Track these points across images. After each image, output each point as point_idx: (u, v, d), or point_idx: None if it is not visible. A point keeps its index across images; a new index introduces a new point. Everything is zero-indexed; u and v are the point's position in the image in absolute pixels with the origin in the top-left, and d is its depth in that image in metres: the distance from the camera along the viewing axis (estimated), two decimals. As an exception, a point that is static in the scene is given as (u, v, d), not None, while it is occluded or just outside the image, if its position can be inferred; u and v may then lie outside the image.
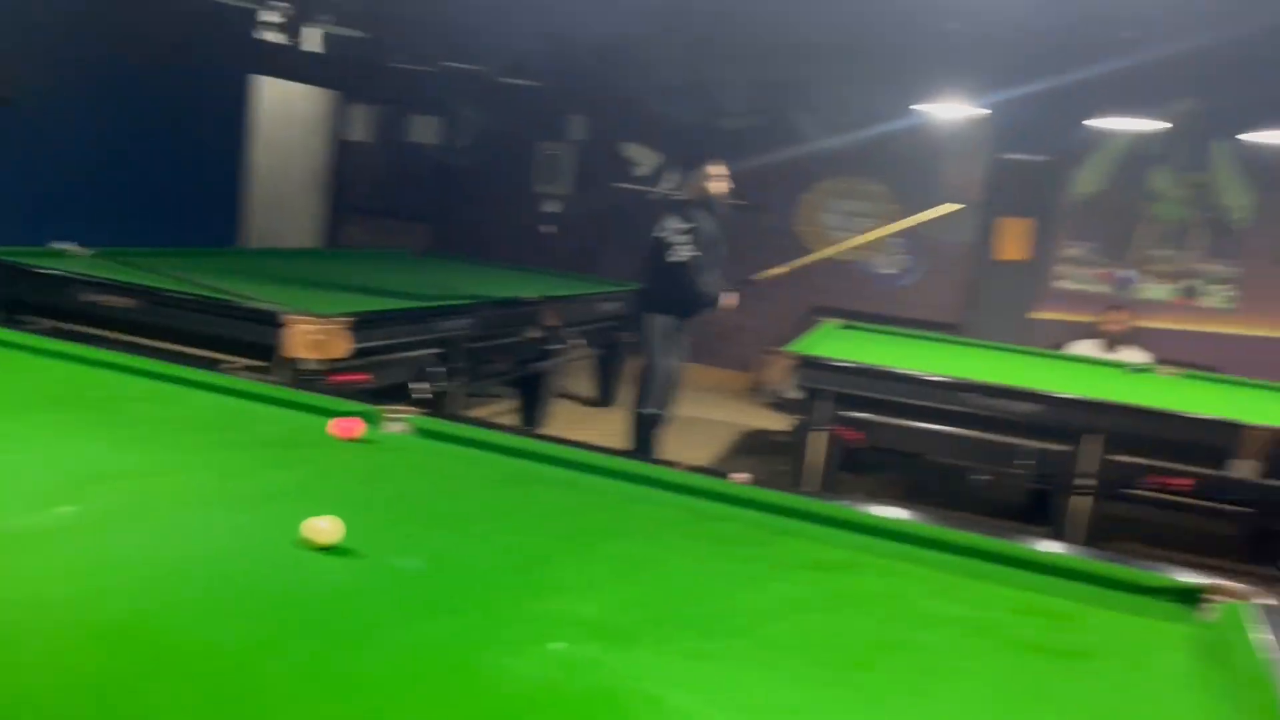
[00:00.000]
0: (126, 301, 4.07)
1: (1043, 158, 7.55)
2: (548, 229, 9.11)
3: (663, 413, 5.59)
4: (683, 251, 5.33)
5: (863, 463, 5.66)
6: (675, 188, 8.70)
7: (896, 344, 5.69)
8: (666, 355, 5.57)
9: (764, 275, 5.69)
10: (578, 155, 9.06)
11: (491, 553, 1.76)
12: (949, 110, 7.39)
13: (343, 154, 9.69)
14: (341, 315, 3.90)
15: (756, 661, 1.45)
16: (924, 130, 7.80)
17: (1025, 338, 7.26)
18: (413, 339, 4.50)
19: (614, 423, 6.71)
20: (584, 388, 7.25)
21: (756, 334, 8.62)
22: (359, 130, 9.72)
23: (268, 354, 3.87)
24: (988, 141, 7.72)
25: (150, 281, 4.27)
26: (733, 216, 5.74)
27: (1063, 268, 7.73)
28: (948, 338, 6.43)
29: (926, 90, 7.22)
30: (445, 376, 4.70)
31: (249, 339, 3.86)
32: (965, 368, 4.78)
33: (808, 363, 4.45)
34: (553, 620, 1.51)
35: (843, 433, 4.49)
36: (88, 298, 4.16)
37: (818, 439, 4.52)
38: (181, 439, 2.22)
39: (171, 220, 7.00)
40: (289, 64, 8.29)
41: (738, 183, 5.63)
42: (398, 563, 1.65)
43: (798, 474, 4.37)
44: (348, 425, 2.32)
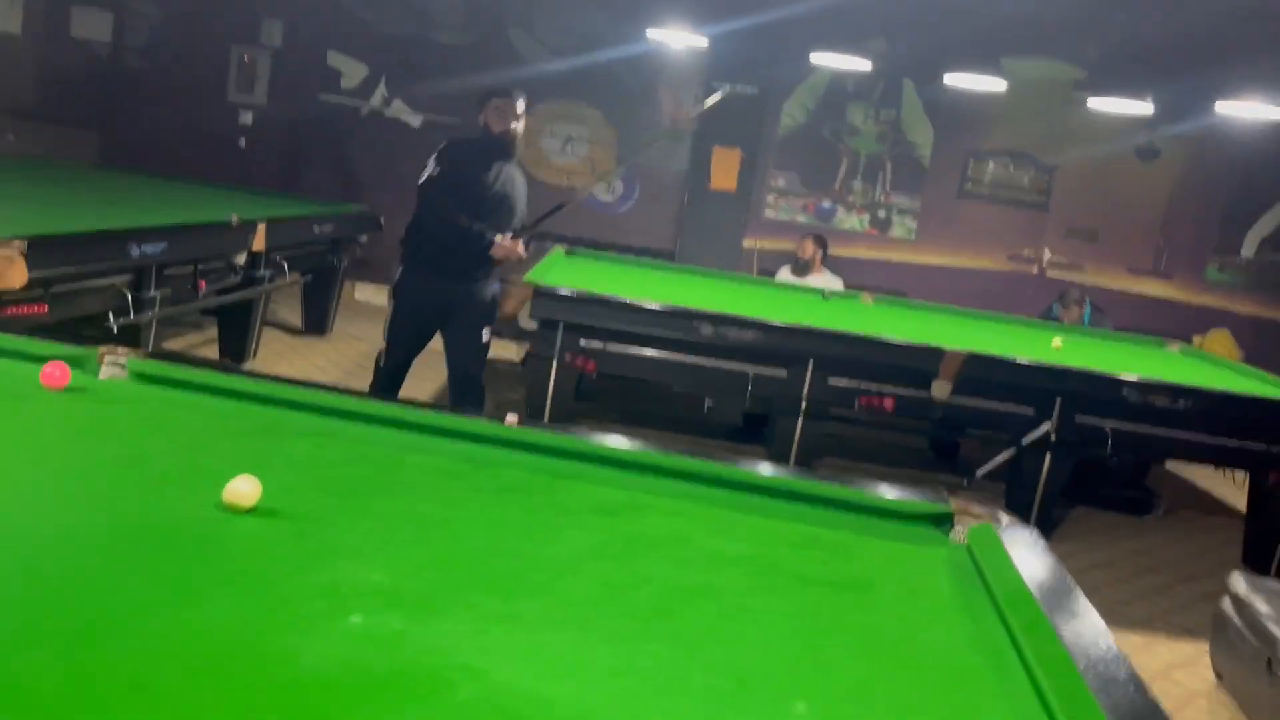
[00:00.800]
0: None
1: (754, 89, 7.83)
2: (243, 142, 8.40)
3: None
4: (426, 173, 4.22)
5: (592, 391, 5.75)
6: (381, 105, 8.28)
7: (619, 271, 5.75)
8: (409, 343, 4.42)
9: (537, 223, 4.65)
10: (275, 62, 8.38)
11: (255, 517, 1.58)
12: (668, 38, 7.46)
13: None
14: (15, 238, 3.38)
15: (565, 621, 1.39)
16: (644, 58, 7.84)
17: (735, 264, 7.59)
18: (101, 265, 4.00)
19: (327, 354, 6.38)
20: (293, 316, 6.82)
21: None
22: (4, 20, 8.45)
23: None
24: (704, 71, 7.89)
25: None
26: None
27: (771, 197, 8.10)
28: (665, 264, 6.58)
29: (647, 17, 7.25)
30: (139, 306, 4.22)
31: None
32: (684, 295, 4.89)
33: (543, 293, 4.38)
34: (341, 591, 1.37)
35: (578, 362, 4.48)
36: None
37: (552, 370, 4.49)
38: None
39: None
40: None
41: (449, 104, 5.07)
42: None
43: (539, 405, 4.32)
44: (53, 372, 2.01)
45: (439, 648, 1.26)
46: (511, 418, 2.14)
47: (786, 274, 6.94)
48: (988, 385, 4.42)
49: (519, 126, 4.29)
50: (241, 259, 5.14)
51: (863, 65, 6.92)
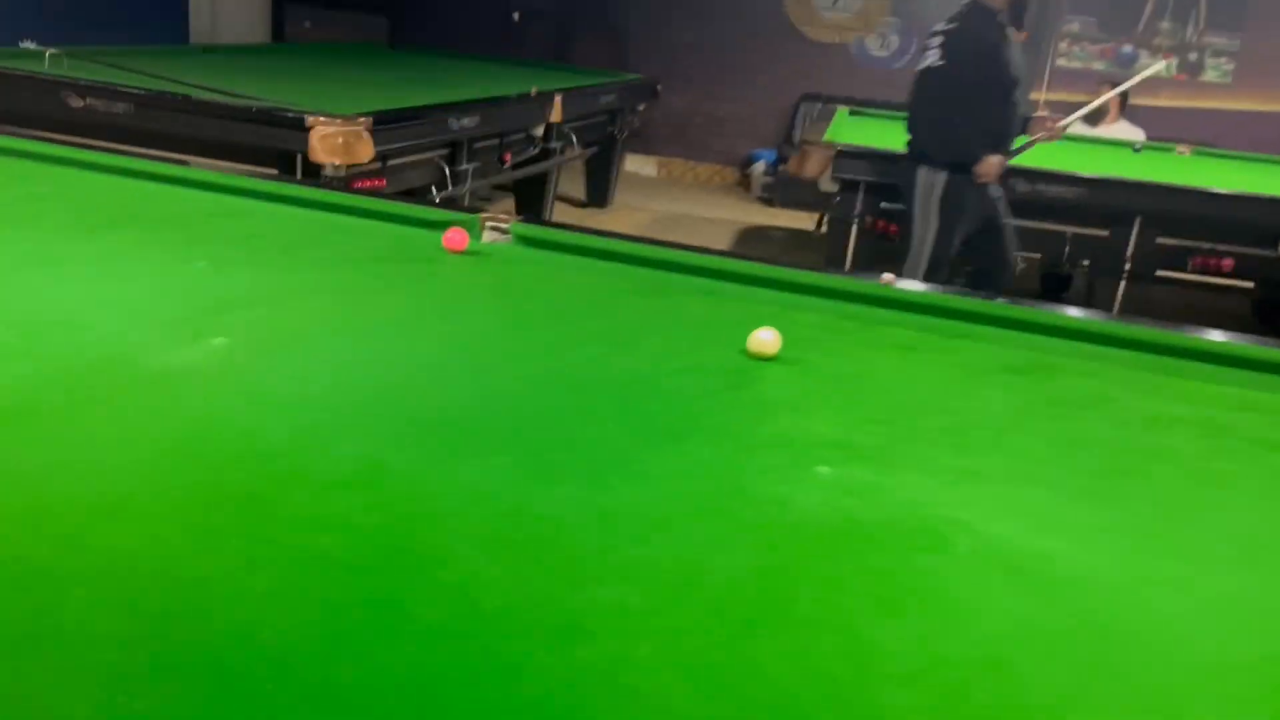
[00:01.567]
0: (123, 106, 3.68)
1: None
2: (516, 16, 8.52)
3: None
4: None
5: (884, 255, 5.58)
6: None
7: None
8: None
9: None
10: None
11: (686, 370, 1.62)
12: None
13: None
14: (363, 115, 3.58)
15: (1029, 478, 1.35)
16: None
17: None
18: (427, 139, 4.19)
19: (610, 225, 6.50)
20: (574, 189, 6.97)
21: (740, 125, 8.33)
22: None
23: (283, 161, 3.58)
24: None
25: (149, 84, 3.87)
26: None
27: (1064, 43, 7.47)
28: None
29: None
30: (455, 180, 4.42)
31: (266, 144, 3.54)
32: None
33: (846, 153, 4.24)
34: (797, 443, 1.38)
35: (879, 225, 4.35)
36: (77, 102, 3.75)
37: (851, 234, 4.38)
38: (286, 258, 2.00)
39: (118, 19, 6.39)
40: None
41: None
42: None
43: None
44: (456, 237, 2.12)
45: (918, 500, 1.25)
46: (888, 276, 2.08)
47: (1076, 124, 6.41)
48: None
49: None
50: (539, 131, 5.26)
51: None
